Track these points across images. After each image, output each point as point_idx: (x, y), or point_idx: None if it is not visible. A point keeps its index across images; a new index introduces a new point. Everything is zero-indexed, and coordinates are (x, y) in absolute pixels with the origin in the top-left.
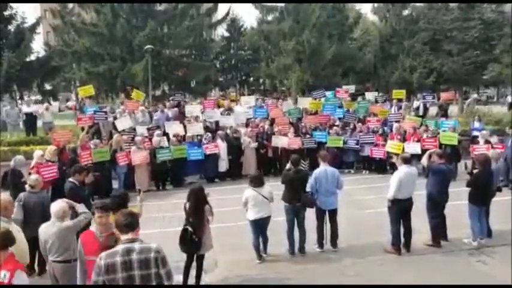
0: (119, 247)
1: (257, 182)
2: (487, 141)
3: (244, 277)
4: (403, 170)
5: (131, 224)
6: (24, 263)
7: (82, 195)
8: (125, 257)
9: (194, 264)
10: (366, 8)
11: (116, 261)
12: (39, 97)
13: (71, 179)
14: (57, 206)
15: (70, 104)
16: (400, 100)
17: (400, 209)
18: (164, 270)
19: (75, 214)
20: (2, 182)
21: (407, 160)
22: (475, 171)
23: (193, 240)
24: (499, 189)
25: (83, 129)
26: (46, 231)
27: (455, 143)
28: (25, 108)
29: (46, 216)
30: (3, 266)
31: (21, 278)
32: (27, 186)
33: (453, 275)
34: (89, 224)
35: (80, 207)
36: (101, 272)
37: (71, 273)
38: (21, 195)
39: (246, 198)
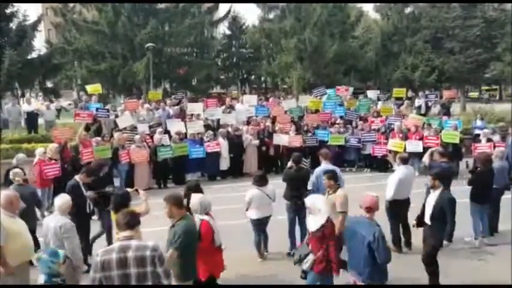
0: (116, 244)
1: (262, 182)
2: (489, 140)
3: (245, 275)
4: (402, 170)
5: (129, 222)
6: (28, 259)
7: (81, 195)
8: (120, 254)
9: None
10: (367, 6)
11: (111, 258)
12: (40, 94)
13: (76, 177)
14: (61, 199)
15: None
16: (401, 99)
17: (398, 210)
18: (161, 269)
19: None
20: (5, 179)
21: (406, 160)
22: (476, 169)
23: None
24: (508, 188)
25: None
26: (48, 223)
27: (457, 141)
28: (26, 107)
29: (33, 210)
30: None
31: None
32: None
33: (454, 274)
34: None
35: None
36: (97, 268)
37: (66, 272)
38: (11, 188)
39: (250, 197)
